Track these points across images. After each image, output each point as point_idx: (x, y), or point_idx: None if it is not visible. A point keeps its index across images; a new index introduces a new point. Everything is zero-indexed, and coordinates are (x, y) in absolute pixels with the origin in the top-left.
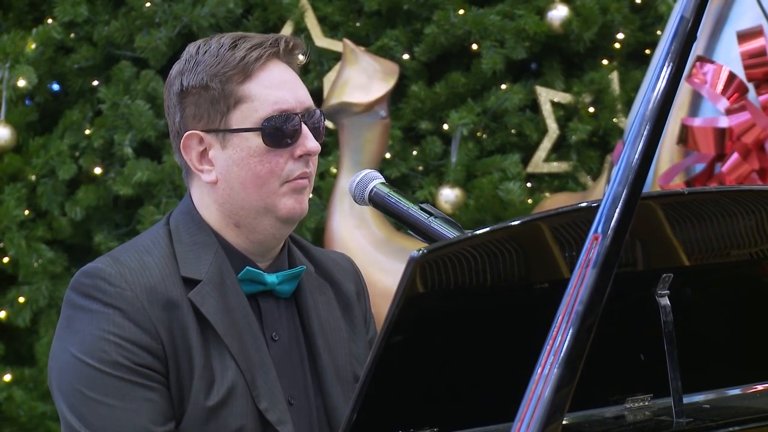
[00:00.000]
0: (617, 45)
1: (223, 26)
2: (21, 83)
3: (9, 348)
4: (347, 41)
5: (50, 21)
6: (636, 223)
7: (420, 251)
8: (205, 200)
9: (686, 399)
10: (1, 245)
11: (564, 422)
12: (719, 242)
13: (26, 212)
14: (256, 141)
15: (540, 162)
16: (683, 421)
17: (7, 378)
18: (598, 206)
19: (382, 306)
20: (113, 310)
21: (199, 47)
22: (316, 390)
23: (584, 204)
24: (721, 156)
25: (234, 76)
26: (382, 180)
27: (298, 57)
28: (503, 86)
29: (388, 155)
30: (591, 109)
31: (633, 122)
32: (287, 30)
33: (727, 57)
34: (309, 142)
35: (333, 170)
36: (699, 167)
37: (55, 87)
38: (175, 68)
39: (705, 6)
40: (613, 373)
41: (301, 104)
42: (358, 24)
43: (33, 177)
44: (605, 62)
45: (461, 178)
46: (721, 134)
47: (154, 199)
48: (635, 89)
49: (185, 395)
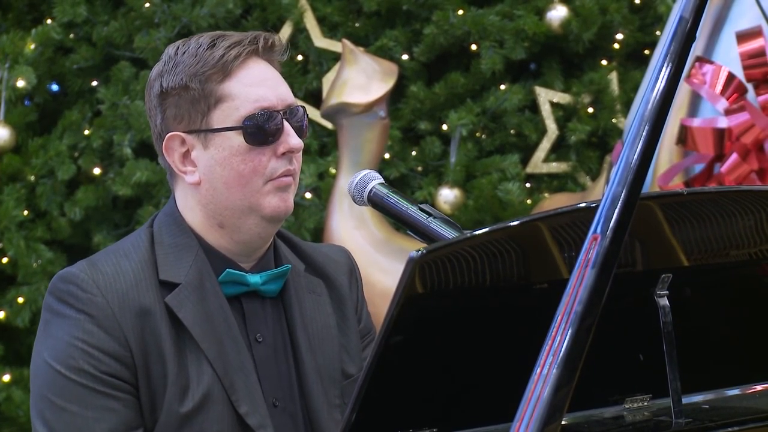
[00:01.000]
0: (616, 45)
1: (222, 26)
2: (20, 83)
3: (8, 348)
4: (346, 41)
5: (49, 21)
6: (635, 224)
7: (419, 251)
8: (189, 202)
9: (685, 399)
10: (1, 245)
11: (563, 422)
12: (718, 243)
13: (25, 212)
14: (238, 140)
15: (539, 162)
16: (682, 422)
17: (6, 378)
18: (597, 206)
19: (382, 306)
20: (84, 316)
21: (178, 48)
22: (300, 391)
23: (583, 204)
24: (720, 156)
25: (213, 75)
26: (381, 180)
27: (278, 54)
28: (502, 86)
29: (387, 155)
30: (590, 110)
31: (632, 122)
32: (286, 30)
33: (726, 57)
34: (291, 139)
35: (332, 170)
36: (698, 168)
37: (55, 87)
38: (155, 70)
39: (704, 6)
40: (613, 374)
41: (283, 101)
42: (358, 24)
43: (32, 177)
44: (604, 63)
45: (460, 179)
46: (720, 135)
47: (153, 200)
48: (634, 89)
49: (157, 403)
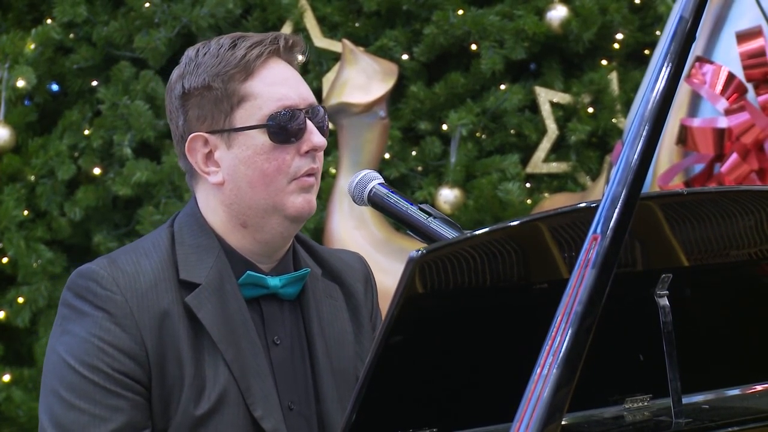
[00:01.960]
0: (616, 45)
1: (223, 26)
2: (20, 83)
3: (8, 348)
4: (346, 41)
5: (49, 21)
6: (635, 224)
7: (419, 251)
8: (211, 202)
9: (685, 399)
10: (1, 245)
11: (563, 422)
12: (718, 243)
13: (25, 212)
14: (262, 138)
15: (539, 162)
16: (682, 422)
17: (6, 378)
18: (597, 206)
19: (382, 306)
20: (102, 313)
21: (198, 50)
22: (316, 394)
23: (583, 204)
24: (720, 156)
25: (236, 75)
26: (381, 180)
27: (298, 55)
28: (502, 86)
29: (388, 155)
30: (590, 110)
31: (632, 122)
32: (286, 30)
33: (726, 57)
34: (315, 137)
35: (332, 170)
36: (698, 168)
37: (55, 87)
38: (175, 73)
39: (704, 6)
40: (613, 374)
41: (305, 100)
42: (358, 24)
43: (32, 177)
44: (604, 62)
45: (460, 179)
46: (720, 135)
47: (154, 200)
48: (634, 89)
49: (171, 403)
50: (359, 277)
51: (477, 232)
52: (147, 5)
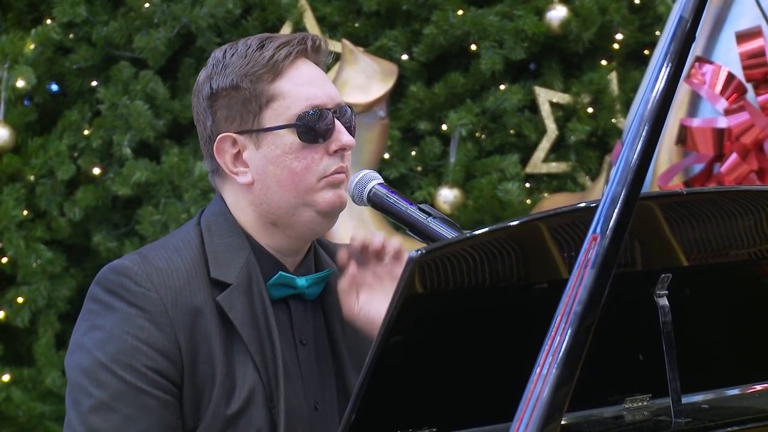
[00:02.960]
0: (616, 45)
1: (222, 27)
2: (20, 83)
3: (8, 348)
4: (346, 42)
5: (49, 21)
6: (635, 224)
7: (419, 251)
8: (240, 202)
9: (685, 399)
10: (0, 245)
11: (563, 422)
12: (718, 242)
13: (25, 212)
14: (291, 138)
15: (539, 162)
16: (682, 422)
17: (6, 378)
18: (597, 206)
19: None
20: (136, 310)
21: (225, 51)
22: (340, 394)
23: (583, 204)
24: (720, 156)
25: (264, 75)
26: (381, 180)
27: (324, 56)
28: (502, 87)
29: (387, 155)
30: (590, 110)
31: (632, 122)
32: (286, 30)
33: (726, 57)
34: (343, 137)
35: None
36: (698, 167)
37: (54, 87)
38: (202, 74)
39: (704, 6)
40: (612, 374)
41: (332, 100)
42: (357, 24)
43: (32, 177)
44: (604, 63)
45: (460, 179)
46: (720, 135)
47: (153, 200)
48: (634, 89)
49: (202, 402)
50: None
51: (476, 232)
52: (146, 5)
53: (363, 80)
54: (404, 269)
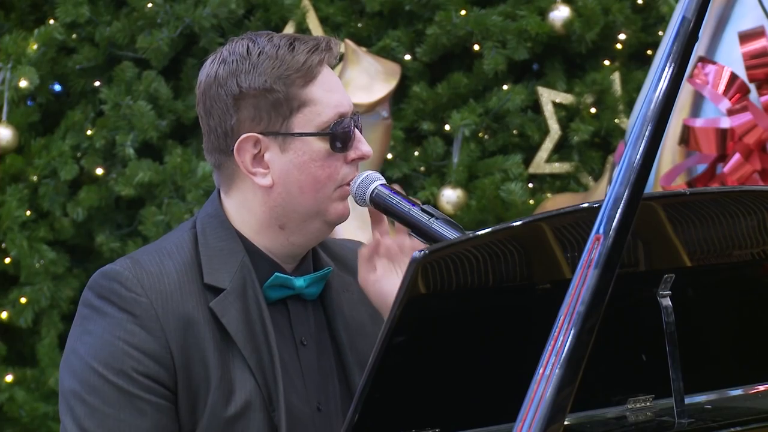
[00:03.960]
0: (619, 45)
1: (225, 27)
2: (23, 84)
3: (11, 349)
4: (349, 42)
5: (52, 22)
6: (638, 224)
7: (421, 252)
8: (250, 203)
9: (688, 399)
10: (3, 246)
11: (566, 423)
12: (721, 243)
13: (28, 213)
14: (319, 145)
15: (542, 163)
16: (685, 422)
17: (9, 379)
18: (600, 207)
19: None
20: (127, 315)
21: (249, 47)
22: (344, 393)
23: (586, 204)
24: (723, 157)
25: (297, 80)
26: (384, 181)
27: (336, 60)
28: (505, 87)
29: (390, 156)
30: (593, 110)
31: (635, 123)
32: (289, 30)
33: (729, 58)
34: (363, 146)
35: None
36: (701, 168)
37: (57, 88)
38: (224, 68)
39: (707, 6)
40: (615, 374)
41: (351, 107)
42: (360, 25)
43: (35, 178)
44: (607, 63)
45: (463, 179)
46: (723, 135)
47: (156, 200)
48: (637, 90)
49: (198, 405)
50: None
51: (479, 233)
52: (149, 5)
53: (366, 80)
54: (407, 270)
